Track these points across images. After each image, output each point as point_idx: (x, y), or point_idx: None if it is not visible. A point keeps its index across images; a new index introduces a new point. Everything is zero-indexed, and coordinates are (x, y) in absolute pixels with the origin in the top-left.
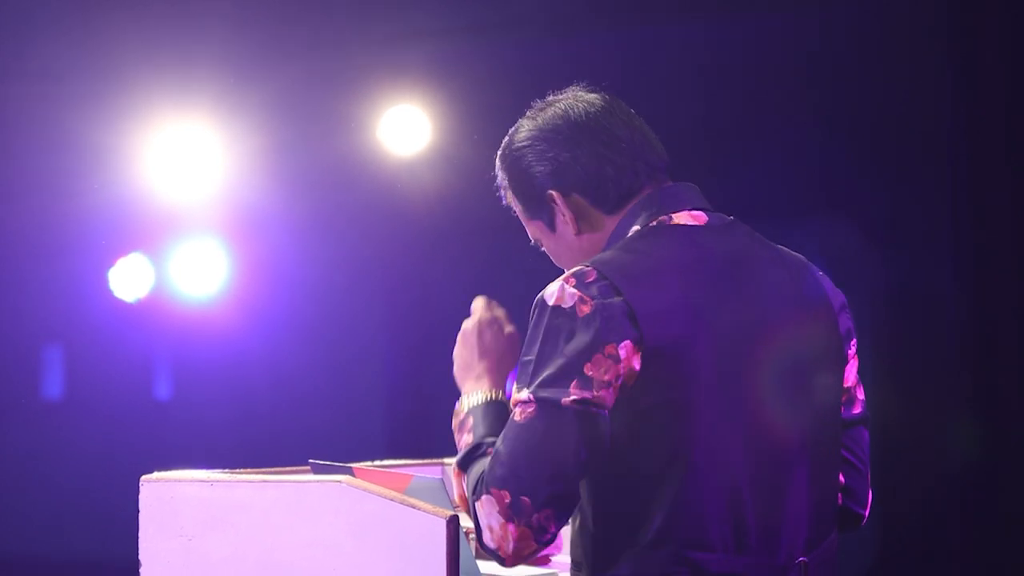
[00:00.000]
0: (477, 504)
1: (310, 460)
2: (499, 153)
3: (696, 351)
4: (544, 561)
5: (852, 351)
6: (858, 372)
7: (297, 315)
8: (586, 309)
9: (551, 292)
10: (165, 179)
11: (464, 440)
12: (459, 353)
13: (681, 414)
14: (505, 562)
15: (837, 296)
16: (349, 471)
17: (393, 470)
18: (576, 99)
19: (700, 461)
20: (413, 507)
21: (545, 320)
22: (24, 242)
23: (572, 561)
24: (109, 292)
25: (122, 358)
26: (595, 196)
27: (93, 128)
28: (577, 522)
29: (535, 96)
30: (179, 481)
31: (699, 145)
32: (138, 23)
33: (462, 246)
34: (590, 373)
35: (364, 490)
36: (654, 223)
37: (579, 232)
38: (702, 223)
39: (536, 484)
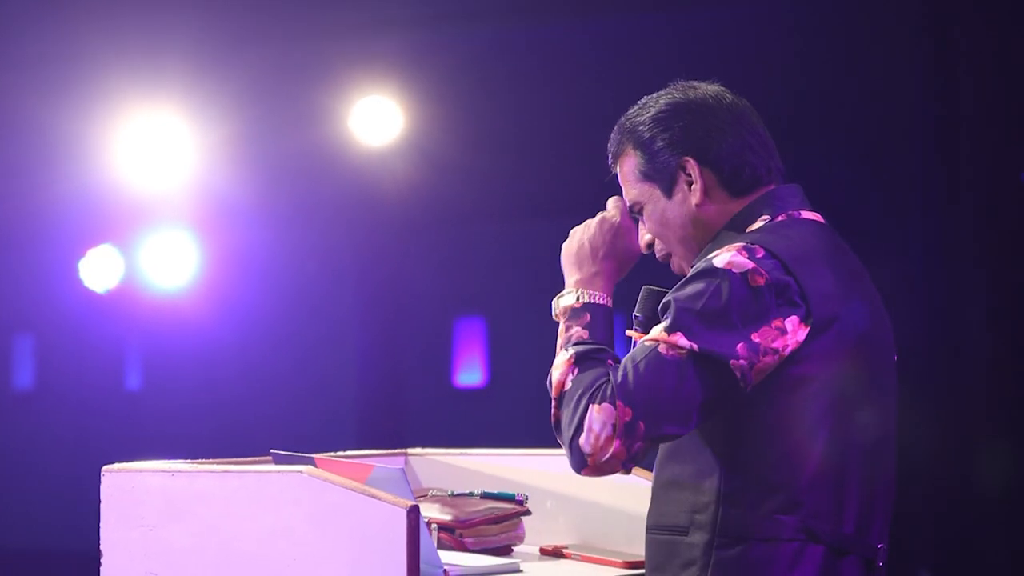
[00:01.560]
0: (592, 407)
1: (271, 451)
2: (629, 114)
3: (844, 334)
4: (507, 551)
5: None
6: None
7: (268, 305)
8: (760, 281)
9: (723, 259)
10: (135, 169)
11: (579, 332)
12: (584, 238)
13: (826, 391)
14: (584, 467)
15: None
16: (311, 461)
17: (354, 460)
18: (725, 91)
19: (832, 438)
20: (374, 497)
21: (718, 279)
22: None
23: (674, 524)
24: (79, 282)
25: (93, 348)
26: (729, 176)
27: (62, 118)
28: (700, 486)
29: (506, 85)
30: (140, 471)
31: None
32: (107, 11)
33: (433, 236)
34: (757, 340)
35: (325, 480)
36: (783, 217)
37: (702, 203)
38: (823, 222)
39: (663, 418)
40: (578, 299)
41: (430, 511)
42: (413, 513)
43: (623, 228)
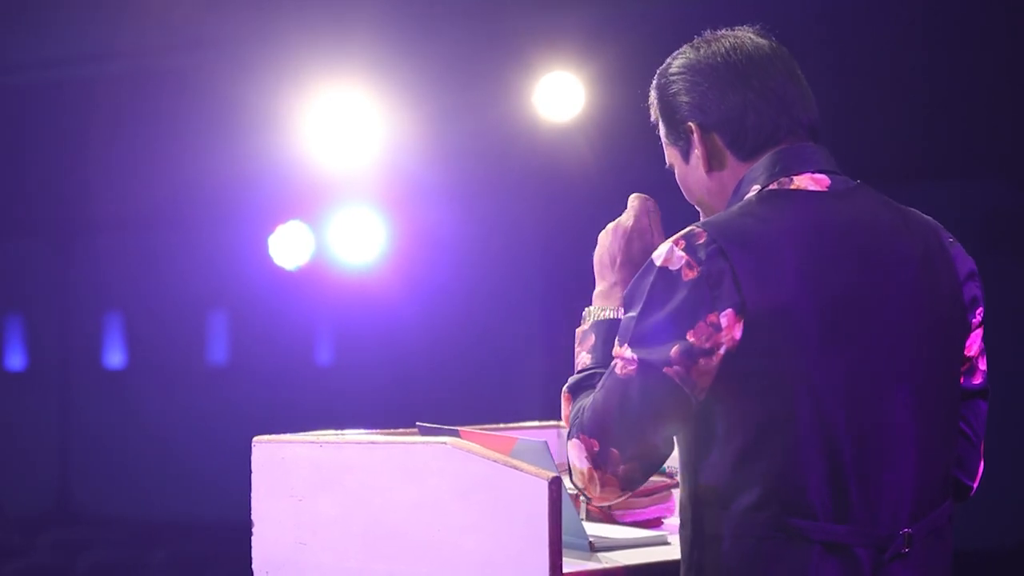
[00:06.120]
0: (569, 444)
1: (417, 422)
2: (657, 73)
3: (803, 319)
4: (656, 523)
5: (977, 320)
6: (983, 342)
7: (454, 281)
8: (692, 274)
9: (660, 253)
10: (324, 147)
11: (581, 359)
12: (604, 247)
13: (783, 382)
14: (590, 502)
15: (965, 264)
16: (455, 433)
17: (499, 433)
18: (742, 40)
19: (801, 428)
20: (516, 468)
21: (651, 279)
22: (187, 210)
23: (680, 519)
24: (269, 259)
25: (283, 324)
26: (732, 139)
27: (253, 96)
28: (684, 484)
29: None
30: (289, 442)
31: (854, 99)
32: None
33: (617, 210)
34: (691, 339)
35: (469, 451)
36: (774, 185)
37: (710, 170)
38: (823, 187)
39: (625, 440)
40: (584, 319)
41: None
42: (555, 485)
43: (636, 231)
